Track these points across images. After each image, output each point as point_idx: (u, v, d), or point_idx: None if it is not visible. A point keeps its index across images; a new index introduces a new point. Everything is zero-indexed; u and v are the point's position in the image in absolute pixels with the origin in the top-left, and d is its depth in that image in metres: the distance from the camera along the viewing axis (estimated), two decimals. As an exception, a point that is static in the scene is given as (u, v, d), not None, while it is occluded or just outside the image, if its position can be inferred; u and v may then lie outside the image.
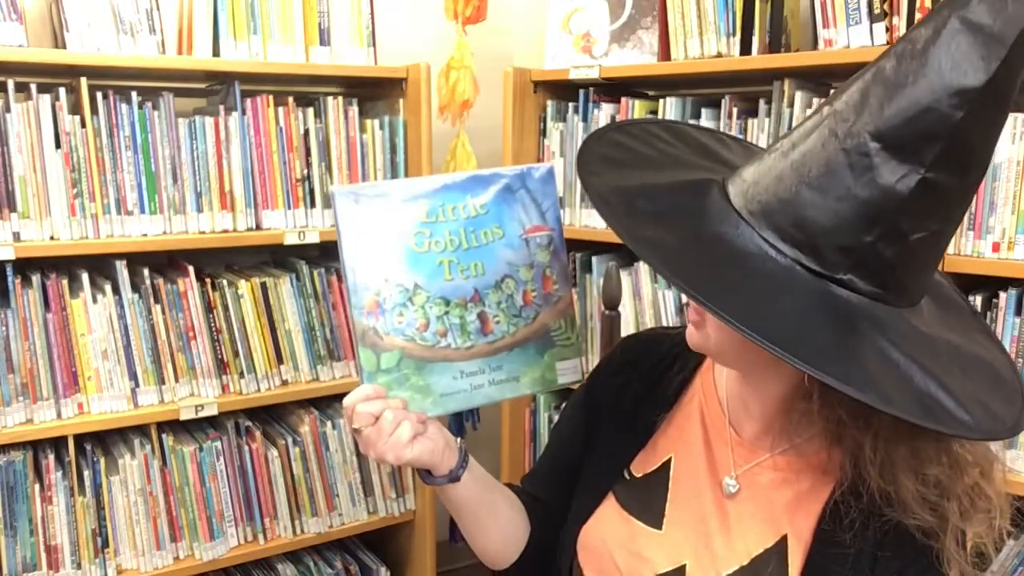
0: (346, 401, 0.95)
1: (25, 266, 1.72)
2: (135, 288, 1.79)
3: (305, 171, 1.97)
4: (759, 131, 1.74)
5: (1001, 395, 0.80)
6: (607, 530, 0.99)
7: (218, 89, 1.99)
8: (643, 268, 1.92)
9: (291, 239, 1.93)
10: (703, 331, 0.90)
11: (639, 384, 1.06)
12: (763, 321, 0.73)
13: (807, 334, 0.74)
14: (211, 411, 1.86)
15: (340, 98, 2.00)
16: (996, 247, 1.47)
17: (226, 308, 1.89)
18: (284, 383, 1.97)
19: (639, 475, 1.01)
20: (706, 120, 1.83)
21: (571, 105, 2.07)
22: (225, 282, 1.90)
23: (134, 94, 1.76)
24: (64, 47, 1.70)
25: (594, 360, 1.97)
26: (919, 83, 0.71)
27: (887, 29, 1.56)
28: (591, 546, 1.01)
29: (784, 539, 0.90)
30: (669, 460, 1.00)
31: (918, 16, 1.53)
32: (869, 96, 0.74)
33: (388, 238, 0.97)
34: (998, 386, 0.81)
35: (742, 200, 0.82)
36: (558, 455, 1.15)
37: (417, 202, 0.98)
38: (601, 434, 1.07)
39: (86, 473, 1.76)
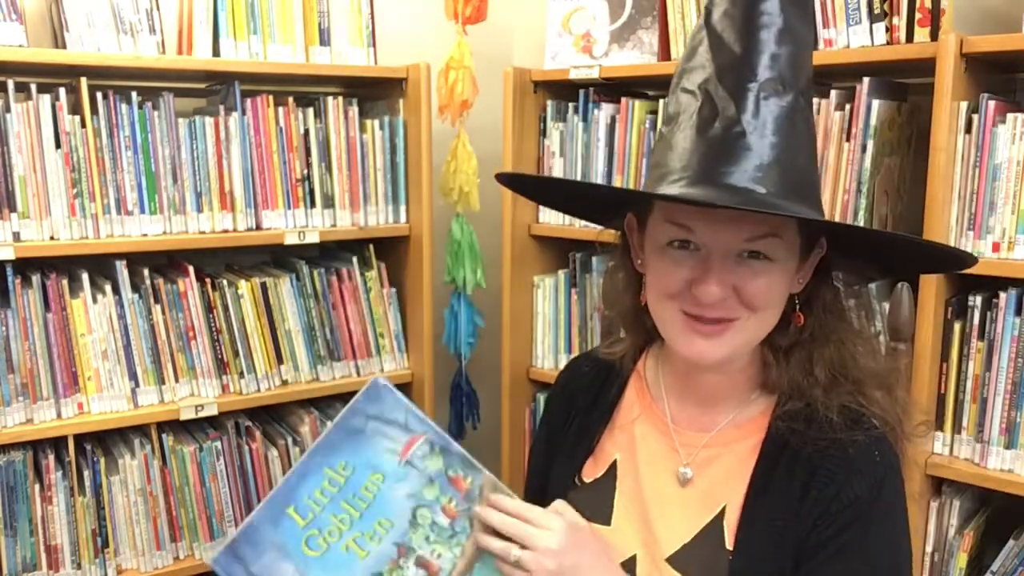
0: None
1: (25, 266, 1.72)
2: (135, 288, 1.79)
3: (305, 171, 1.97)
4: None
5: None
6: None
7: (218, 89, 1.98)
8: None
9: (291, 239, 1.93)
10: (736, 330, 0.92)
11: (581, 399, 1.14)
12: None
13: None
14: (211, 411, 1.86)
15: (340, 98, 2.00)
16: (996, 247, 1.47)
17: (226, 308, 1.89)
18: (284, 383, 1.97)
19: (589, 480, 1.07)
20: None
21: (571, 105, 2.07)
22: (225, 282, 1.90)
23: (134, 94, 1.76)
24: (64, 47, 1.70)
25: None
26: None
27: (887, 29, 1.56)
28: None
29: (723, 510, 0.96)
30: (615, 462, 1.06)
31: (918, 16, 1.53)
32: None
33: (286, 563, 0.94)
34: None
35: None
36: (534, 488, 1.18)
37: (286, 514, 0.94)
38: (557, 452, 1.13)
39: (86, 473, 1.76)
